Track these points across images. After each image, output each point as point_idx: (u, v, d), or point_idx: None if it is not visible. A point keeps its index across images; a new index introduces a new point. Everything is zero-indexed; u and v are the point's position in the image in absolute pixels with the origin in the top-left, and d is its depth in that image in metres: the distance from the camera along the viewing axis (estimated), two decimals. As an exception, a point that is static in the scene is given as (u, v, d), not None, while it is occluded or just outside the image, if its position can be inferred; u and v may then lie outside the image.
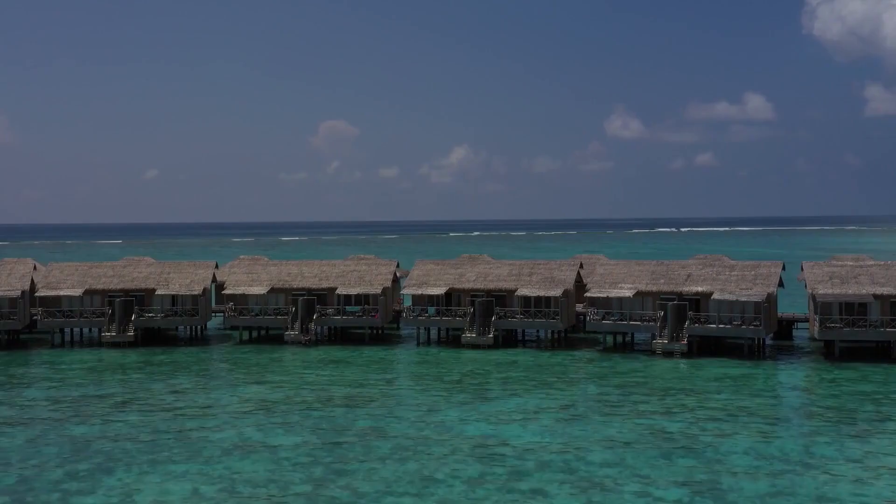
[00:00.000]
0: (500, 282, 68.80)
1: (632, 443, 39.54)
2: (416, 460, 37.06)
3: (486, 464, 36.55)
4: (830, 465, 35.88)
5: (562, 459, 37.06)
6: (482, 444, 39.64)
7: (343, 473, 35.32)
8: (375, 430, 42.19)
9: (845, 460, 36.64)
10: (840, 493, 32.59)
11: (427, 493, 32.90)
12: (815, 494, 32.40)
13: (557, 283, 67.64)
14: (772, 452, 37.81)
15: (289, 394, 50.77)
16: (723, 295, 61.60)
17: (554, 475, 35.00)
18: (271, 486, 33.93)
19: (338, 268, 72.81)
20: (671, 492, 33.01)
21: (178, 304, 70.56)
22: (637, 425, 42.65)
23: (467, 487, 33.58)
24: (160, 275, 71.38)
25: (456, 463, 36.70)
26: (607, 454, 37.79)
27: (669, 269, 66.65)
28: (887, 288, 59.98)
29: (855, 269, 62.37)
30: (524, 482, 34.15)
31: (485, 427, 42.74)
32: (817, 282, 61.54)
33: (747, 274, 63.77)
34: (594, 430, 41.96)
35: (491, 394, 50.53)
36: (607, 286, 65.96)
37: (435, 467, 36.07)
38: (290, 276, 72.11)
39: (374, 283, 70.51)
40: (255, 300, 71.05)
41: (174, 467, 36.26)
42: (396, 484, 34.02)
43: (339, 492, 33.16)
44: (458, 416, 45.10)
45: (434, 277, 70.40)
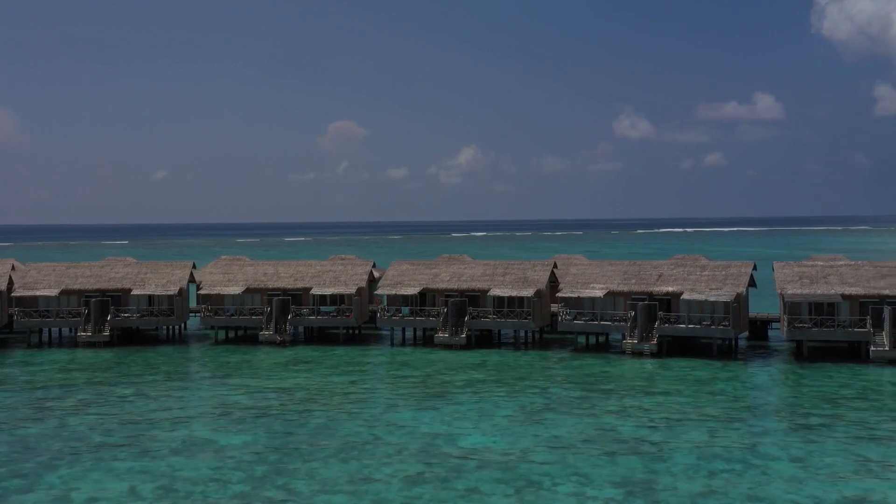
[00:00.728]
0: (474, 282, 68.96)
1: (578, 443, 39.62)
2: (360, 460, 37.24)
3: (429, 463, 36.70)
4: (771, 465, 35.91)
5: (505, 459, 37.17)
6: (430, 443, 39.80)
7: (284, 473, 35.51)
8: (327, 429, 42.40)
9: (788, 460, 36.68)
10: (772, 492, 32.63)
11: (361, 493, 33.07)
12: (746, 494, 32.43)
13: (530, 283, 67.77)
14: (716, 452, 37.85)
15: (250, 393, 51.06)
16: (692, 295, 61.63)
17: (493, 474, 35.12)
18: (210, 484, 34.16)
19: (314, 268, 73.12)
20: (605, 491, 33.12)
21: (154, 304, 70.95)
22: (589, 426, 42.74)
23: (403, 486, 33.74)
24: (137, 275, 71.80)
25: (399, 462, 36.87)
26: (551, 454, 37.89)
27: (641, 269, 66.69)
28: (856, 288, 59.92)
29: (825, 269, 62.31)
30: (461, 481, 34.29)
31: (437, 426, 42.91)
32: (786, 282, 61.51)
33: (718, 274, 63.78)
34: (545, 430, 42.06)
35: (451, 394, 50.69)
36: (579, 286, 66.03)
37: (376, 467, 36.24)
38: (265, 276, 72.46)
39: (348, 283, 70.77)
40: (231, 300, 71.38)
41: (118, 465, 36.54)
42: (333, 483, 34.20)
43: (275, 492, 33.36)
44: (413, 415, 45.29)
45: (409, 278, 70.60)
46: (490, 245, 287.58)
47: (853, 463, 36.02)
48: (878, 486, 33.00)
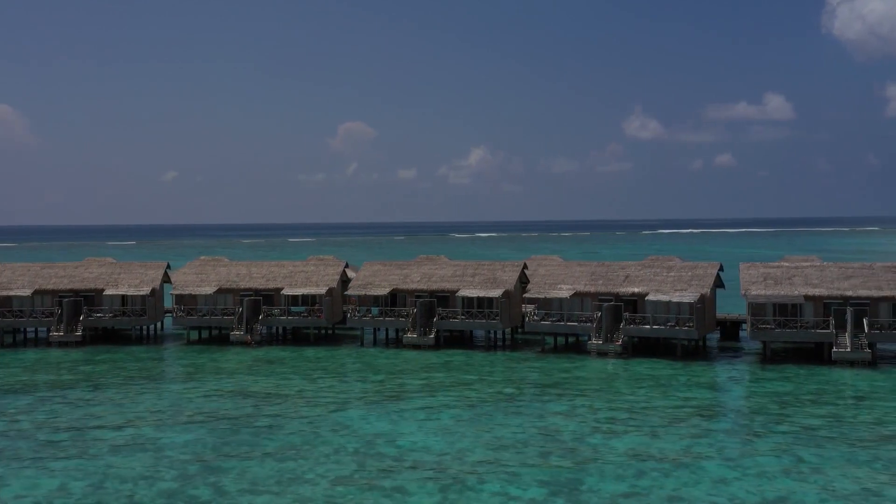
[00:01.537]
0: (444, 282, 69.16)
1: (517, 444, 39.75)
2: (295, 460, 37.48)
3: (362, 463, 36.91)
4: (701, 466, 35.98)
5: (439, 459, 37.34)
6: (370, 443, 40.00)
7: (217, 471, 35.79)
8: (271, 429, 42.66)
9: (721, 460, 36.75)
10: (694, 493, 32.71)
11: (287, 492, 33.30)
12: (668, 495, 32.52)
13: (499, 283, 67.93)
14: (651, 453, 37.93)
15: (206, 393, 51.43)
16: (656, 296, 61.67)
17: (423, 474, 35.30)
18: (139, 482, 34.46)
19: (286, 268, 73.50)
20: (530, 491, 33.27)
21: (127, 305, 71.42)
22: (533, 426, 42.83)
23: (329, 486, 33.95)
24: (110, 275, 72.32)
25: (333, 463, 37.08)
26: (486, 454, 38.03)
27: (609, 270, 66.76)
28: (819, 289, 59.85)
29: (790, 270, 62.24)
30: (389, 481, 34.46)
31: (382, 426, 43.13)
32: (750, 283, 61.48)
33: (684, 275, 63.81)
34: (488, 430, 42.22)
35: (406, 394, 50.89)
36: (547, 287, 66.15)
37: (309, 466, 36.47)
38: (238, 276, 72.85)
39: (319, 283, 71.09)
40: (204, 300, 71.77)
41: (54, 464, 36.88)
42: (263, 483, 34.44)
43: (202, 490, 33.63)
44: (361, 415, 45.53)
45: (380, 278, 70.87)
46: (490, 246, 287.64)
47: (785, 464, 36.04)
48: (800, 488, 33.04)
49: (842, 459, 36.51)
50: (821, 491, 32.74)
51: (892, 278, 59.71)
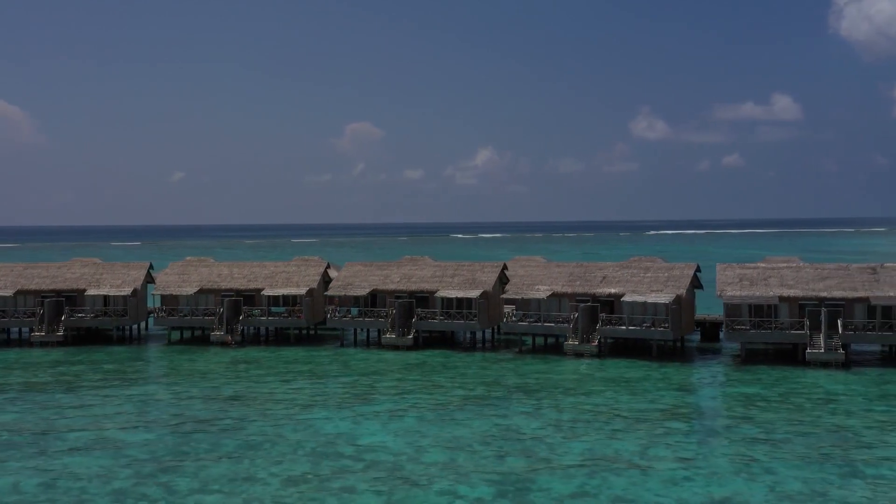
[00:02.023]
0: (423, 283, 69.32)
1: (476, 443, 39.85)
2: (252, 459, 37.66)
3: (317, 463, 37.08)
4: (654, 466, 36.04)
5: (395, 459, 37.48)
6: (329, 443, 40.18)
7: (171, 471, 36.00)
8: (234, 429, 42.86)
9: (674, 461, 36.79)
10: (641, 493, 32.79)
11: (237, 492, 33.46)
12: (615, 495, 32.62)
13: (478, 284, 68.05)
14: (606, 453, 38.01)
15: (177, 393, 51.71)
16: (632, 297, 61.70)
17: (375, 474, 35.43)
18: (93, 481, 34.70)
19: (267, 269, 73.77)
20: (478, 490, 33.39)
21: (110, 305, 71.76)
22: (494, 426, 42.92)
23: (280, 486, 34.12)
24: (92, 275, 72.69)
25: (289, 462, 37.25)
26: (442, 454, 38.15)
27: (587, 270, 66.82)
28: (794, 290, 59.81)
29: (766, 271, 62.21)
30: (340, 481, 34.61)
31: (345, 426, 43.29)
32: (726, 284, 61.47)
33: (660, 276, 63.83)
34: (449, 430, 42.32)
35: (375, 394, 51.06)
36: (525, 288, 66.24)
37: (265, 466, 36.64)
38: (220, 277, 73.13)
39: (300, 284, 71.34)
40: (186, 301, 72.07)
41: (12, 463, 37.15)
42: (214, 482, 34.62)
43: (153, 489, 33.83)
44: (326, 415, 45.71)
45: (360, 279, 71.06)
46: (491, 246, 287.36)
47: (738, 465, 36.07)
48: (748, 489, 33.09)
49: (795, 460, 36.54)
50: (768, 492, 32.78)
51: (867, 279, 59.64)
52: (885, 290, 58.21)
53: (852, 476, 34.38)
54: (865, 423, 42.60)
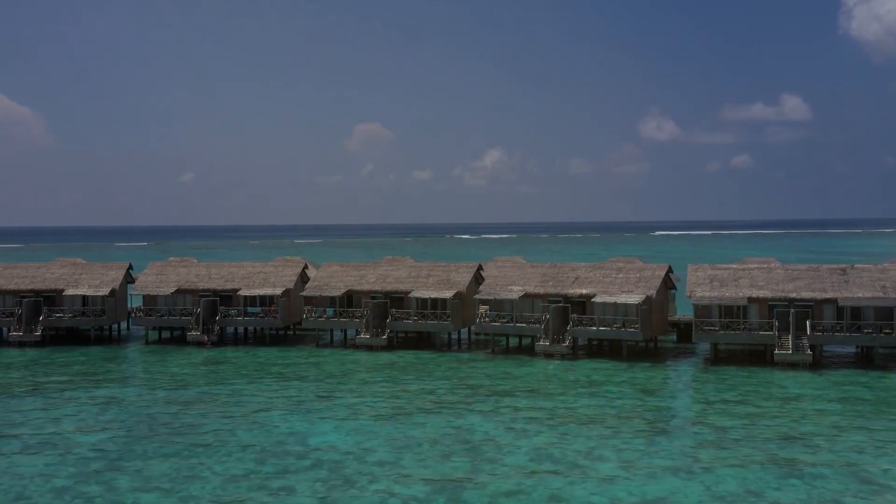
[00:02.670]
0: (398, 283, 69.51)
1: (425, 443, 40.00)
2: (199, 458, 37.91)
3: (262, 462, 37.28)
4: (595, 466, 36.11)
5: (341, 458, 37.64)
6: (280, 442, 40.37)
7: (116, 469, 36.25)
8: (189, 427, 43.15)
9: (617, 461, 36.82)
10: (577, 492, 32.89)
11: (176, 490, 33.69)
12: (550, 494, 32.71)
13: (452, 285, 68.21)
14: (552, 453, 38.09)
15: (141, 392, 52.06)
16: (602, 297, 61.74)
17: (318, 474, 35.61)
18: (35, 479, 35.00)
19: (245, 269, 74.08)
20: (414, 489, 33.53)
21: (88, 305, 72.19)
22: (448, 426, 43.05)
23: (220, 484, 34.34)
24: (71, 275, 73.15)
25: (234, 461, 37.46)
26: (389, 454, 38.29)
27: (560, 271, 66.88)
28: (764, 291, 59.74)
29: (737, 272, 62.16)
30: (281, 480, 34.80)
31: (300, 426, 43.49)
32: (696, 284, 61.44)
33: (632, 276, 63.84)
34: (402, 429, 42.47)
35: (336, 394, 51.27)
36: (498, 288, 66.35)
37: (210, 465, 36.85)
38: (197, 277, 73.48)
39: (276, 284, 71.63)
40: (164, 301, 72.44)
41: (-40, 462, 37.52)
42: (156, 481, 34.85)
43: (93, 487, 34.11)
44: (283, 415, 45.91)
45: (336, 279, 71.31)
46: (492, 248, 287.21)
47: (679, 465, 36.10)
48: (685, 488, 33.15)
49: (738, 461, 36.52)
50: (704, 491, 32.84)
51: (836, 280, 59.52)
52: (853, 290, 58.08)
53: (791, 477, 34.37)
54: (817, 424, 42.55)
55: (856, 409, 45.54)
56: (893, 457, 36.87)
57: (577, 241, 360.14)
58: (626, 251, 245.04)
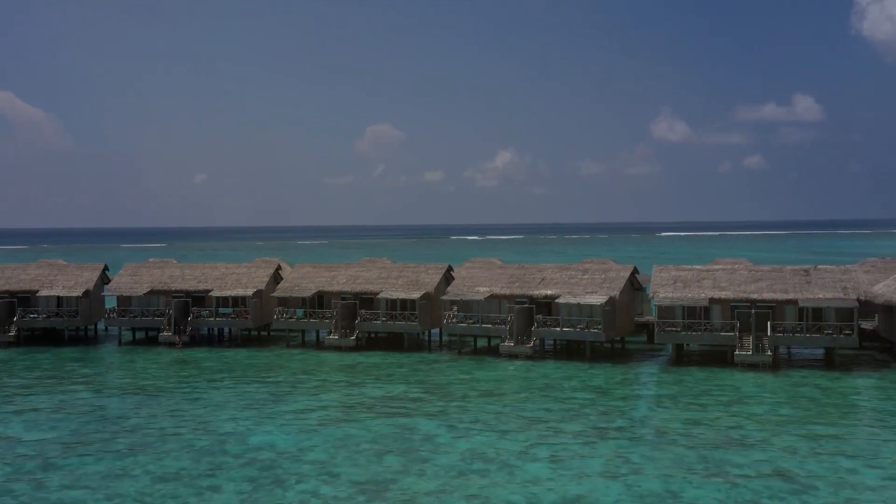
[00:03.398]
0: (368, 284, 69.82)
1: (364, 443, 40.23)
2: (136, 456, 38.26)
3: (197, 461, 37.58)
4: (525, 466, 36.20)
5: (275, 458, 37.91)
6: (220, 441, 40.67)
7: (50, 468, 36.64)
8: (135, 427, 43.53)
9: (547, 461, 36.93)
10: (498, 492, 33.01)
11: (103, 488, 34.02)
12: (471, 494, 32.87)
13: (421, 286, 68.45)
14: (485, 453, 38.23)
15: (98, 392, 52.57)
16: (566, 298, 61.86)
17: (248, 473, 35.88)
18: (-33, 479, 35.45)
19: (218, 270, 74.54)
20: (340, 490, 33.75)
21: (63, 306, 72.80)
22: (390, 427, 43.20)
23: (148, 483, 34.67)
24: (46, 276, 73.83)
25: (170, 460, 37.77)
26: (324, 454, 38.55)
27: (527, 272, 67.04)
28: (726, 292, 59.73)
29: (700, 273, 62.18)
30: (210, 479, 35.11)
31: (245, 426, 43.75)
32: (660, 285, 61.48)
33: (597, 278, 63.93)
34: (345, 430, 42.67)
35: (291, 395, 51.58)
36: (465, 289, 66.56)
37: (144, 463, 37.19)
38: (170, 278, 73.98)
39: (248, 285, 72.05)
40: (137, 302, 72.97)
41: None
42: (87, 479, 35.21)
43: (22, 485, 34.48)
44: (232, 415, 46.22)
45: (307, 280, 71.68)
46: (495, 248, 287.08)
47: (608, 465, 36.19)
48: (605, 488, 33.26)
49: (667, 461, 36.60)
50: (624, 491, 32.95)
51: (799, 281, 59.46)
52: (814, 291, 58.01)
53: (715, 476, 34.43)
54: (758, 425, 42.55)
55: (802, 411, 45.52)
56: (823, 458, 36.88)
57: (584, 241, 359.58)
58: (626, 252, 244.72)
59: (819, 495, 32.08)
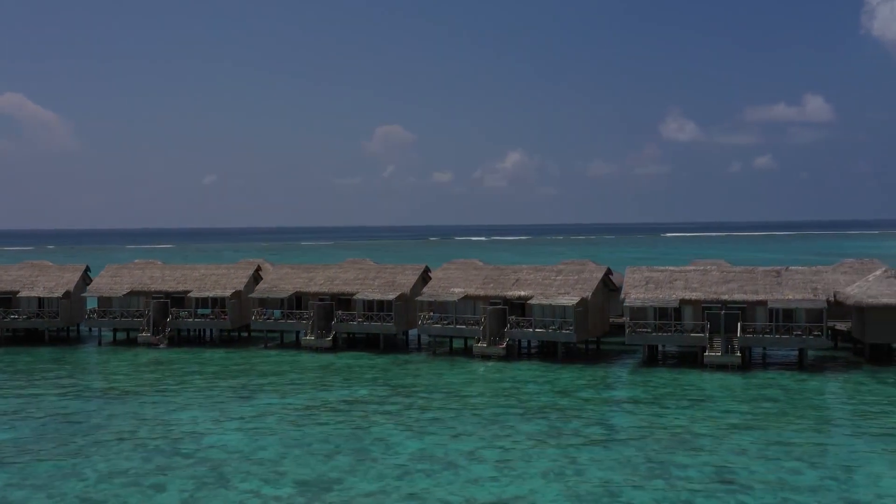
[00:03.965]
0: (345, 286, 70.05)
1: (315, 442, 40.44)
2: (87, 456, 38.54)
3: (148, 460, 37.79)
4: (470, 467, 36.24)
5: (225, 458, 38.08)
6: (175, 441, 40.92)
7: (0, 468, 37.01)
8: (94, 427, 43.81)
9: (496, 461, 36.97)
10: (437, 493, 33.12)
11: (48, 487, 34.25)
12: (409, 493, 32.99)
13: (397, 287, 68.63)
14: (435, 453, 38.29)
15: (65, 392, 52.90)
16: (539, 299, 61.95)
17: (196, 471, 36.09)
18: (-85, 478, 35.79)
19: (198, 271, 74.90)
20: (282, 489, 33.92)
21: (44, 307, 73.29)
22: (343, 427, 43.19)
23: (94, 482, 34.93)
24: (28, 278, 74.32)
25: (121, 459, 38.00)
26: (275, 453, 38.76)
27: (503, 273, 67.16)
28: (697, 293, 59.71)
29: (672, 274, 62.17)
30: (156, 478, 35.33)
31: (204, 426, 43.98)
32: (632, 286, 61.50)
33: (570, 279, 64.00)
34: (301, 430, 42.85)
35: (258, 395, 51.79)
36: (440, 290, 66.71)
37: (94, 463, 37.44)
38: (150, 279, 74.38)
39: (226, 286, 72.37)
40: (118, 303, 73.39)
41: None
42: (33, 478, 35.44)
43: (-32, 485, 34.87)
44: (193, 415, 46.48)
45: (285, 281, 71.97)
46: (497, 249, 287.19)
47: (553, 466, 36.25)
48: (545, 488, 33.35)
49: (613, 463, 36.64)
50: (563, 491, 33.04)
51: (770, 282, 59.40)
52: (784, 292, 57.94)
53: (657, 477, 34.48)
54: (712, 426, 42.55)
55: (760, 412, 45.46)
56: (769, 459, 36.87)
57: (590, 242, 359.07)
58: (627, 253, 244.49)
59: (754, 496, 32.12)
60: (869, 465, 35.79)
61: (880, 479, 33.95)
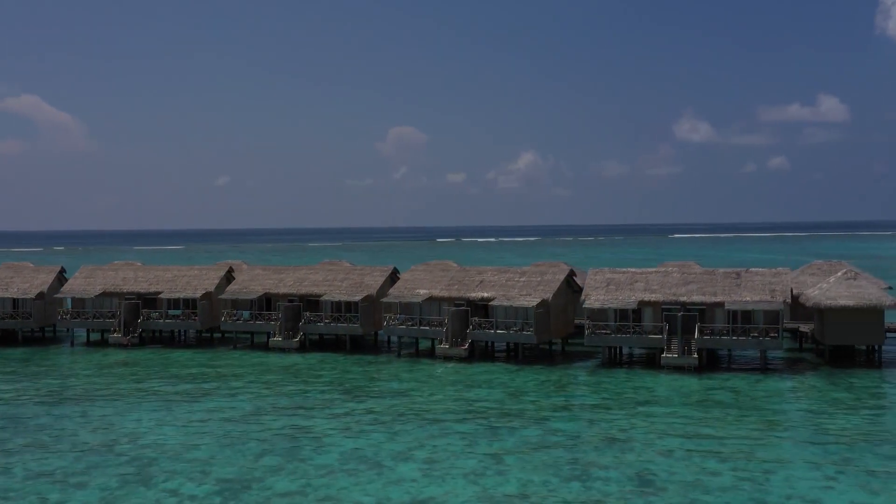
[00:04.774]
0: (314, 287, 70.40)
1: (250, 441, 40.73)
2: (22, 455, 38.93)
3: (79, 459, 38.11)
4: (395, 466, 36.42)
5: (155, 456, 38.35)
6: (113, 440, 41.28)
7: (-62, 466, 37.51)
8: (39, 427, 44.24)
9: (424, 461, 37.13)
10: (351, 494, 33.34)
11: (-24, 486, 34.83)
12: (327, 494, 33.22)
13: (364, 288, 68.93)
14: (365, 454, 38.48)
15: (20, 391, 53.48)
16: (500, 301, 62.09)
17: (121, 470, 36.49)
18: None
19: (170, 272, 75.45)
20: (202, 488, 34.20)
21: (19, 308, 73.99)
22: (286, 426, 43.66)
23: (21, 479, 35.32)
24: (3, 279, 75.03)
25: (54, 458, 38.41)
26: (206, 452, 39.05)
27: (468, 275, 67.35)
28: (657, 295, 59.71)
29: (634, 275, 62.20)
30: (82, 477, 35.70)
31: (147, 425, 44.37)
32: (592, 288, 61.55)
33: (533, 280, 64.11)
34: (240, 429, 43.19)
35: (212, 395, 52.17)
36: (406, 291, 66.95)
37: (28, 461, 37.82)
38: (123, 280, 74.98)
39: (197, 288, 72.83)
40: (91, 303, 74.00)
41: None
42: (-34, 477, 36.04)
43: None
44: (139, 415, 46.88)
45: (256, 282, 72.38)
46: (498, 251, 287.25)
47: (481, 467, 36.31)
48: (461, 489, 33.46)
49: (538, 464, 36.74)
50: (478, 493, 33.11)
51: (729, 284, 59.32)
52: (742, 294, 57.87)
53: (574, 479, 34.55)
54: (648, 428, 42.58)
55: (701, 414, 45.45)
56: (693, 460, 36.88)
57: (599, 244, 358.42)
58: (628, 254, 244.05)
59: (665, 497, 32.17)
60: (790, 467, 35.76)
61: (796, 481, 33.94)
